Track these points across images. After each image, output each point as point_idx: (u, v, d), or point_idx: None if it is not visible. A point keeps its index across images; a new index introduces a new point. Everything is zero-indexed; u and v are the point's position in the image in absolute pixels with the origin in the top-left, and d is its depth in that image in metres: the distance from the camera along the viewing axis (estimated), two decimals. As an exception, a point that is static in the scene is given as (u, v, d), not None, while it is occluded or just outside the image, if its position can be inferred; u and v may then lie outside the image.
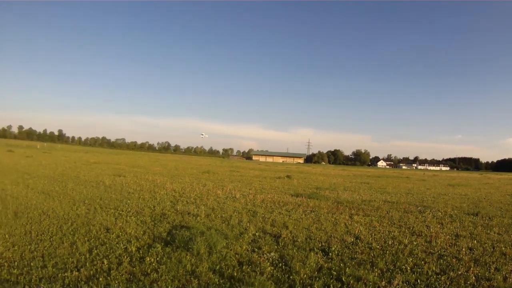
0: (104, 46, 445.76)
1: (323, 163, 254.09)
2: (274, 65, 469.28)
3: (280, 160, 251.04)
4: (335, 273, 7.04)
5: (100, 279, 6.16)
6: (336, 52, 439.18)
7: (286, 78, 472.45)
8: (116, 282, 6.10)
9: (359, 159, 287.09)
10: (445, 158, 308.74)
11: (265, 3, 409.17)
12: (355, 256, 8.30)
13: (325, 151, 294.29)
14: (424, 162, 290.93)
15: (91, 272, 6.43)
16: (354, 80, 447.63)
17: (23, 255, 7.20)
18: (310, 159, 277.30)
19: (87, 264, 6.82)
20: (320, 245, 9.10)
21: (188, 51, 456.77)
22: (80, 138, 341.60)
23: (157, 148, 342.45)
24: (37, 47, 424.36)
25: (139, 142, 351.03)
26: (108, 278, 6.23)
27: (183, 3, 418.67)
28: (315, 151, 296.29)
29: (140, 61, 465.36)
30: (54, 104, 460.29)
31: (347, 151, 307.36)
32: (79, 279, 6.14)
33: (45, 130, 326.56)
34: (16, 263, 6.74)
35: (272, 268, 7.17)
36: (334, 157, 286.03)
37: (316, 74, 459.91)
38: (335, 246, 8.92)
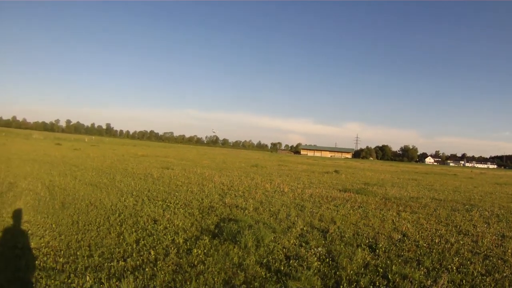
0: (153, 41, 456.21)
1: (371, 158, 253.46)
2: (324, 59, 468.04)
3: (328, 154, 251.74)
4: (381, 270, 6.89)
5: (147, 269, 6.15)
6: (387, 48, 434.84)
7: (335, 73, 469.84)
8: (163, 272, 6.06)
9: (407, 155, 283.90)
10: (492, 155, 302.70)
11: None
12: (402, 253, 8.12)
13: (373, 146, 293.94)
14: (471, 159, 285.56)
15: (138, 263, 6.43)
16: (404, 76, 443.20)
17: (70, 244, 7.25)
18: (358, 154, 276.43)
19: (134, 254, 6.84)
20: (367, 241, 8.92)
21: (239, 46, 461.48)
22: (128, 131, 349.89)
23: (205, 142, 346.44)
24: (85, 43, 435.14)
25: (187, 135, 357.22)
26: (155, 268, 6.21)
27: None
28: (363, 146, 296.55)
29: (189, 56, 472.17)
30: (102, 98, 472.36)
31: (395, 147, 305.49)
32: (125, 269, 6.13)
33: (93, 124, 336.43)
34: (62, 252, 6.80)
35: (319, 263, 7.05)
36: (382, 152, 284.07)
37: (366, 69, 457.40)
38: (382, 243, 8.74)
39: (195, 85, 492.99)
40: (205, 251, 7.28)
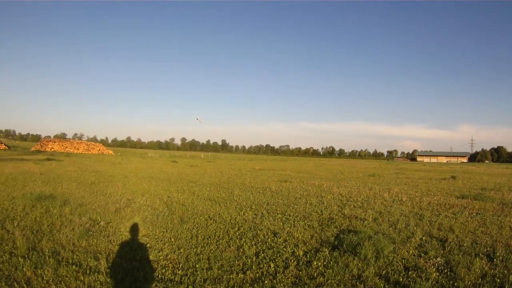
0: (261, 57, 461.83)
1: (487, 161, 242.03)
2: (437, 63, 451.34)
3: (444, 160, 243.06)
4: (498, 280, 6.68)
5: (266, 281, 6.31)
6: (495, 46, 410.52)
7: (446, 74, 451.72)
8: (282, 285, 6.21)
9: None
10: None
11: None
12: (520, 263, 7.78)
13: (488, 148, 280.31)
14: None
15: (257, 275, 6.60)
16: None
17: (188, 257, 7.54)
18: (473, 157, 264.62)
19: (253, 267, 7.02)
20: (485, 250, 8.61)
21: (344, 54, 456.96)
22: (243, 146, 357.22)
23: (321, 153, 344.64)
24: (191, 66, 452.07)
25: (303, 148, 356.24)
26: (274, 281, 6.36)
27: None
28: (478, 149, 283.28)
29: (296, 67, 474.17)
30: (217, 116, 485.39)
31: (510, 147, 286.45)
32: (244, 281, 6.32)
33: (208, 141, 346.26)
34: (180, 264, 7.10)
35: (438, 274, 6.92)
36: (497, 154, 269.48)
37: (474, 69, 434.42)
38: (500, 251, 8.43)
39: (305, 97, 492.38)
40: (324, 263, 7.35)
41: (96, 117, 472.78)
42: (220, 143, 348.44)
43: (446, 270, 7.10)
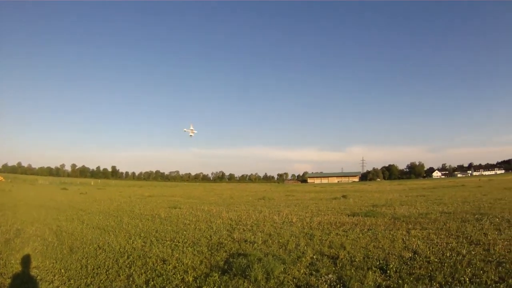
0: (153, 80, 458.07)
1: (378, 179, 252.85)
2: (322, 87, 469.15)
3: (335, 180, 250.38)
4: (393, 290, 6.87)
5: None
6: (382, 66, 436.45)
7: (334, 98, 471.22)
8: (173, 312, 6.08)
9: (414, 171, 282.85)
10: (499, 161, 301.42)
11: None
12: (413, 271, 8.15)
13: (379, 167, 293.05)
14: (478, 167, 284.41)
15: (148, 304, 6.43)
16: (403, 90, 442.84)
17: (79, 289, 7.22)
18: (365, 176, 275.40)
19: (144, 295, 6.79)
20: (378, 263, 8.96)
21: (234, 79, 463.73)
22: (134, 173, 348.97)
23: (211, 178, 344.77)
24: (84, 85, 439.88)
25: (193, 173, 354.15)
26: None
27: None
28: (370, 168, 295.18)
29: (192, 94, 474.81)
30: (106, 141, 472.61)
31: (401, 165, 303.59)
32: (136, 310, 6.15)
33: (98, 167, 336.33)
34: (72, 297, 6.78)
35: (330, 290, 7.01)
36: (389, 172, 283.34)
37: (364, 91, 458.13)
38: (393, 263, 8.78)
39: (196, 122, 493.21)
40: (215, 287, 7.30)
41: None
42: (110, 169, 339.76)
43: (338, 286, 7.30)
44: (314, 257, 9.75)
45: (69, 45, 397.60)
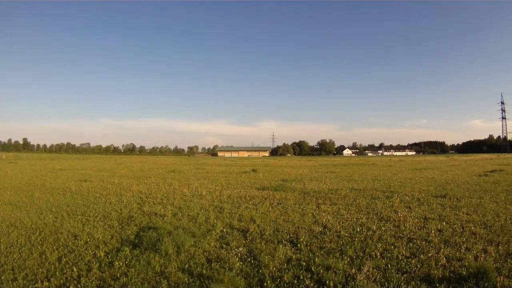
0: (61, 48, 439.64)
1: (289, 155, 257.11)
2: (235, 60, 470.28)
3: (245, 154, 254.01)
4: (304, 263, 7.17)
5: (71, 287, 6.17)
6: (296, 41, 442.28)
7: (247, 72, 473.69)
8: (87, 289, 6.06)
9: (324, 148, 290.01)
10: (410, 143, 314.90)
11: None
12: (324, 245, 8.45)
13: (290, 143, 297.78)
14: (389, 148, 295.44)
15: (61, 281, 6.41)
16: (315, 70, 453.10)
17: (-7, 269, 7.08)
18: (275, 152, 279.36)
19: (57, 273, 6.79)
20: (288, 236, 9.23)
21: (146, 50, 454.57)
22: (45, 145, 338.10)
23: (122, 151, 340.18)
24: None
25: (104, 145, 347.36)
26: (78, 286, 6.23)
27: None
28: (280, 144, 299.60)
29: (100, 63, 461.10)
30: (17, 112, 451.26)
31: (312, 142, 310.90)
32: (50, 289, 6.09)
33: (9, 140, 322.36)
34: (-14, 278, 6.64)
35: (241, 263, 7.26)
36: (300, 148, 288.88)
37: (277, 66, 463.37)
38: (304, 237, 9.06)
39: (107, 93, 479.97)
40: (126, 262, 7.36)
41: None
42: (21, 142, 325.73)
43: (249, 259, 7.49)
44: (224, 230, 10.00)
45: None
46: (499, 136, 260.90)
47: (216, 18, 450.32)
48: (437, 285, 6.13)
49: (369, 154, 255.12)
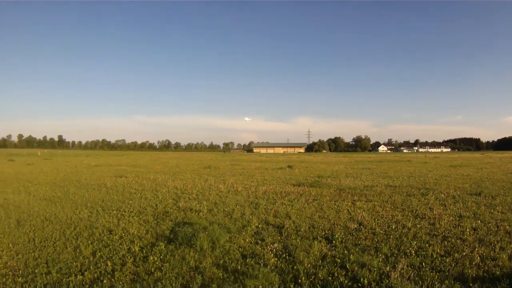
0: (96, 47, 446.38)
1: (324, 151, 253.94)
2: (271, 57, 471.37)
3: (281, 150, 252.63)
4: (339, 260, 7.08)
5: (105, 281, 6.19)
6: (331, 41, 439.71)
7: (284, 70, 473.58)
8: (121, 283, 6.12)
9: (360, 145, 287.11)
10: (445, 139, 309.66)
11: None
12: (359, 242, 8.36)
13: (325, 139, 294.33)
14: (425, 144, 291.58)
15: (95, 275, 6.45)
16: (352, 67, 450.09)
17: (27, 262, 7.19)
18: (311, 148, 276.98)
19: (91, 267, 6.84)
20: (323, 233, 9.15)
21: (183, 49, 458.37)
22: (80, 142, 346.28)
23: (157, 147, 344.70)
24: (30, 53, 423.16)
25: (139, 142, 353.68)
26: (112, 280, 6.25)
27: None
28: (316, 140, 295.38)
29: (136, 61, 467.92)
30: (52, 110, 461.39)
31: (348, 138, 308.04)
32: (84, 283, 6.16)
33: (45, 137, 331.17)
34: (20, 271, 6.74)
35: (276, 259, 7.21)
36: (335, 144, 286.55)
37: (313, 63, 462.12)
38: (339, 234, 8.95)
39: (142, 90, 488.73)
40: (161, 257, 7.36)
41: None
42: (56, 139, 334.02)
43: (284, 255, 7.43)
44: (260, 226, 9.95)
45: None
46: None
47: (259, 18, 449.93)
48: (471, 284, 6.00)
49: (404, 151, 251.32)
